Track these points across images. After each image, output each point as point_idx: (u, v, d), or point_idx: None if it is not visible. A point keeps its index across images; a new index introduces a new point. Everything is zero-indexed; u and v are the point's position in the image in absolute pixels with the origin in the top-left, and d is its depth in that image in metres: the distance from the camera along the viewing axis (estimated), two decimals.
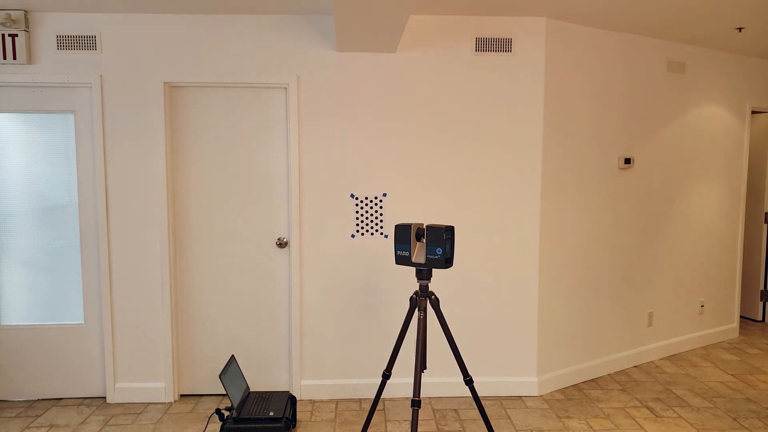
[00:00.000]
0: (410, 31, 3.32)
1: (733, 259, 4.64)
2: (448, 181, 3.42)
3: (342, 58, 3.32)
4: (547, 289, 3.56)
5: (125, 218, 3.35)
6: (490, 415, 3.25)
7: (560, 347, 3.67)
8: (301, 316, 3.45)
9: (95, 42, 3.23)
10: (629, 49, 3.78)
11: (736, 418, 3.21)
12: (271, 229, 3.45)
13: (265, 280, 3.47)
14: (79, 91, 3.32)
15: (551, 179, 3.50)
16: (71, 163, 3.36)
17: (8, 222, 3.38)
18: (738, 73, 4.44)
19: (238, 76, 3.29)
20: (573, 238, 3.66)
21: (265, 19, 3.28)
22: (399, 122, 3.37)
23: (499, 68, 3.37)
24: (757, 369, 3.99)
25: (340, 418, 3.22)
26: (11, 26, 3.14)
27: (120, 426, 3.13)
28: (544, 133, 3.42)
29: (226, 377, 3.05)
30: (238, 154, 3.40)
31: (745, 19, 3.48)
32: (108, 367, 3.41)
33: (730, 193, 4.53)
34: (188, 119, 3.37)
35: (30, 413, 3.28)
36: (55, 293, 3.44)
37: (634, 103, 3.85)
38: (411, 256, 2.52)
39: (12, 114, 3.33)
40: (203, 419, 3.21)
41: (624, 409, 3.32)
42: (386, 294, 3.46)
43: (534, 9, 3.20)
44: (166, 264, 3.36)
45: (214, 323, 3.48)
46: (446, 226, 2.43)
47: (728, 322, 4.70)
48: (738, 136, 4.53)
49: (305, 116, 3.34)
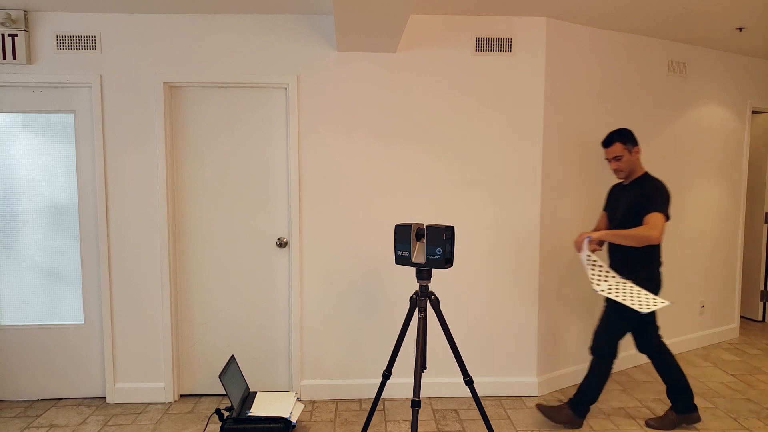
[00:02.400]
0: (410, 31, 3.31)
1: (733, 259, 4.63)
2: (448, 180, 3.42)
3: (342, 58, 3.32)
4: (547, 288, 3.56)
5: (125, 218, 3.34)
6: (490, 416, 3.25)
7: (560, 347, 3.67)
8: (301, 316, 3.45)
9: (95, 42, 3.23)
10: (630, 49, 3.77)
11: (736, 418, 3.20)
12: (271, 229, 3.45)
13: (265, 280, 3.47)
14: (79, 91, 3.31)
15: (551, 179, 3.50)
16: (71, 163, 3.36)
17: (8, 222, 3.38)
18: (738, 73, 4.44)
19: (238, 76, 3.29)
20: (573, 238, 3.65)
21: (265, 19, 3.28)
22: (399, 122, 3.37)
23: (499, 68, 3.37)
24: (758, 369, 3.99)
25: (340, 419, 3.22)
26: (11, 26, 3.14)
27: (120, 426, 3.12)
28: (544, 133, 3.42)
29: (226, 377, 3.05)
30: (238, 154, 3.40)
31: (745, 20, 3.48)
32: (108, 367, 3.41)
33: (730, 193, 4.53)
34: (188, 119, 3.37)
35: (30, 413, 3.28)
36: (55, 293, 3.44)
37: (635, 103, 3.85)
38: (411, 256, 2.52)
39: (12, 114, 3.32)
40: (203, 419, 3.21)
41: (624, 409, 3.32)
42: (386, 294, 3.46)
43: (534, 9, 3.19)
44: (166, 264, 3.36)
45: (214, 323, 3.48)
46: (446, 226, 2.43)
47: (728, 323, 4.70)
48: (738, 136, 4.53)
49: (305, 116, 3.34)
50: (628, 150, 3.00)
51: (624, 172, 3.04)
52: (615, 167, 3.06)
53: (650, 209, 2.85)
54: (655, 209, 2.84)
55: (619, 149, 3.01)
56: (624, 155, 3.01)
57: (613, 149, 3.03)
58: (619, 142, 3.01)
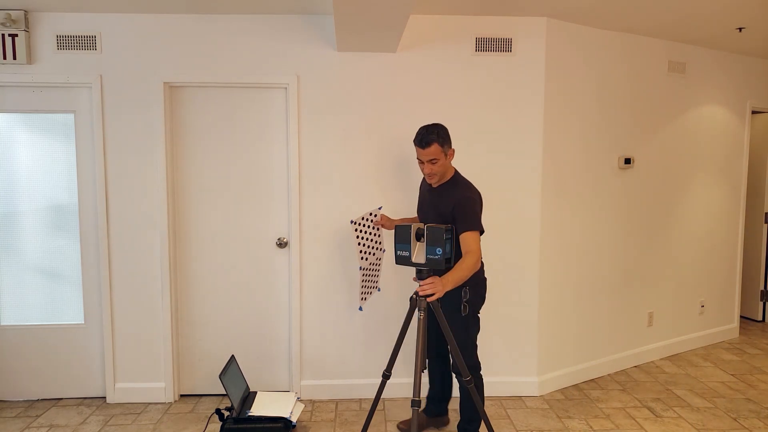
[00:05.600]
0: (410, 31, 3.31)
1: (733, 259, 4.64)
2: None
3: (342, 58, 3.32)
4: (547, 288, 3.56)
5: (125, 218, 3.34)
6: (491, 415, 3.25)
7: (560, 347, 3.67)
8: (301, 316, 3.45)
9: (95, 42, 3.23)
10: (630, 49, 3.77)
11: (736, 418, 3.21)
12: (271, 229, 3.45)
13: (265, 280, 3.47)
14: (79, 91, 3.31)
15: (551, 179, 3.50)
16: (71, 163, 3.36)
17: (8, 222, 3.38)
18: (738, 73, 4.44)
19: (238, 76, 3.29)
20: (573, 238, 3.65)
21: (265, 19, 3.28)
22: (399, 122, 3.37)
23: (499, 68, 3.37)
24: (758, 369, 3.99)
25: (340, 418, 3.22)
26: (11, 26, 3.14)
27: (120, 426, 3.13)
28: (544, 133, 3.42)
29: (226, 377, 3.05)
30: (238, 154, 3.40)
31: (745, 20, 3.48)
32: (108, 367, 3.41)
33: (730, 193, 4.53)
34: (188, 119, 3.37)
35: (30, 413, 3.28)
36: (55, 293, 3.44)
37: (635, 103, 3.85)
38: (411, 256, 2.52)
39: (12, 114, 3.32)
40: (203, 419, 3.21)
41: (624, 409, 3.32)
42: (386, 294, 3.46)
43: (534, 9, 3.19)
44: (166, 264, 3.36)
45: (214, 323, 3.48)
46: (446, 226, 2.43)
47: (728, 322, 4.70)
48: (738, 136, 4.53)
49: (305, 116, 3.34)
50: (444, 153, 2.63)
51: (437, 177, 2.68)
52: (429, 171, 2.65)
53: (463, 228, 2.55)
54: (469, 227, 2.55)
55: (437, 152, 2.60)
56: (440, 159, 2.62)
57: (431, 151, 2.59)
58: (437, 143, 2.59)
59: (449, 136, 2.67)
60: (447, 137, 2.65)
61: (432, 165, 2.64)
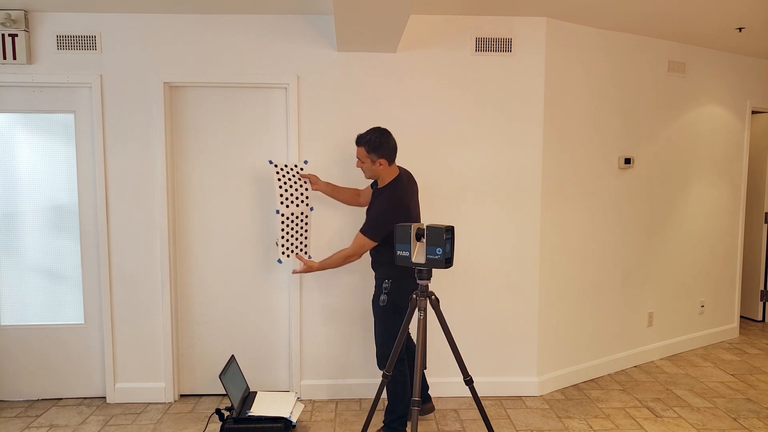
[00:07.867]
0: (410, 31, 3.31)
1: (733, 259, 4.64)
2: (448, 180, 3.42)
3: (342, 58, 3.32)
4: (547, 288, 3.56)
5: (125, 218, 3.34)
6: (490, 415, 3.25)
7: (560, 347, 3.67)
8: (301, 315, 3.45)
9: (95, 42, 3.23)
10: (630, 49, 3.77)
11: (736, 418, 3.21)
12: (271, 228, 3.45)
13: (265, 280, 3.47)
14: (79, 91, 3.31)
15: (551, 179, 3.50)
16: (71, 163, 3.36)
17: (8, 222, 3.38)
18: (738, 73, 4.44)
19: (238, 76, 3.29)
20: (573, 238, 3.65)
21: (265, 19, 3.28)
22: (399, 122, 3.37)
23: (499, 68, 3.37)
24: (757, 369, 3.99)
25: (340, 418, 3.22)
26: (11, 26, 3.14)
27: (120, 426, 3.13)
28: (544, 133, 3.42)
29: (226, 377, 3.05)
30: (238, 154, 3.40)
31: (745, 19, 3.48)
32: (108, 367, 3.41)
33: (730, 193, 4.53)
34: (188, 119, 3.37)
35: (30, 413, 3.28)
36: (55, 293, 3.44)
37: (635, 103, 3.85)
38: (411, 256, 2.52)
39: (12, 114, 3.32)
40: (203, 419, 3.21)
41: (624, 409, 3.32)
42: None
43: (534, 9, 3.19)
44: (166, 264, 3.36)
45: (214, 323, 3.48)
46: (446, 226, 2.43)
47: (728, 322, 4.70)
48: (738, 136, 4.53)
49: (305, 116, 3.34)
50: (371, 159, 2.74)
51: (366, 174, 2.83)
52: (359, 167, 2.84)
53: (362, 227, 2.76)
54: (365, 229, 2.74)
55: (362, 154, 2.76)
56: (366, 162, 2.76)
57: (358, 151, 2.78)
58: (364, 148, 2.74)
59: (385, 147, 2.74)
60: (379, 147, 2.73)
61: (360, 162, 2.82)
